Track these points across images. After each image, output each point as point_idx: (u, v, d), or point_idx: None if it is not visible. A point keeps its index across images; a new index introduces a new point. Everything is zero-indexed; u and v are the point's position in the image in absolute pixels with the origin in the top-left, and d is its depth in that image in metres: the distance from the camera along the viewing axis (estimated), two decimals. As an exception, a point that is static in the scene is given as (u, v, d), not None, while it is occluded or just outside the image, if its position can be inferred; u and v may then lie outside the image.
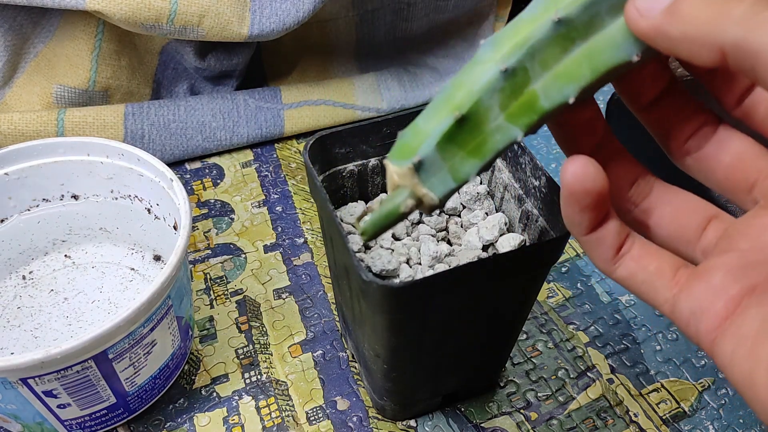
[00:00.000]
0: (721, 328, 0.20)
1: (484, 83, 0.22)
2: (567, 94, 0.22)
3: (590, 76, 0.21)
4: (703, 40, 0.18)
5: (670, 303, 0.22)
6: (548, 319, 0.43)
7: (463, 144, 0.23)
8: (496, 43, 0.22)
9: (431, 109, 0.23)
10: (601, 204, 0.22)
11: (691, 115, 0.23)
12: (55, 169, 0.41)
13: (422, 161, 0.22)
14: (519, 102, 0.22)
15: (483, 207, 0.36)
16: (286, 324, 0.43)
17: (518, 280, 0.31)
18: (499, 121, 0.22)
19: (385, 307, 0.28)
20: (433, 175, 0.23)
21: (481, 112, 0.22)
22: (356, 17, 0.59)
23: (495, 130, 0.22)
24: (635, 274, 0.23)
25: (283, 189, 0.52)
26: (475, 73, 0.22)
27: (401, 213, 0.23)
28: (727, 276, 0.20)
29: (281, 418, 0.38)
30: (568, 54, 0.21)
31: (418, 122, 0.23)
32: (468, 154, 0.23)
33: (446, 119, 0.22)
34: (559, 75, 0.22)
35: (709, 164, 0.23)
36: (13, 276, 0.44)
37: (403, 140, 0.23)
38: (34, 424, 0.34)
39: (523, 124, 0.22)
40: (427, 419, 0.38)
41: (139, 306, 0.31)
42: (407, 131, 0.23)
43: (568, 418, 0.39)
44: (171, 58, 0.56)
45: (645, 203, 0.24)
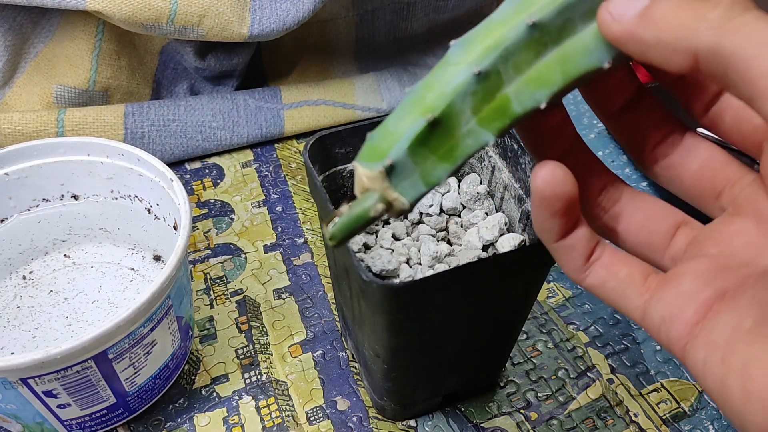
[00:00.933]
0: (692, 334, 0.20)
1: (456, 86, 0.21)
2: (539, 99, 0.21)
3: (562, 81, 0.21)
4: (676, 45, 0.18)
5: (640, 310, 0.22)
6: (548, 319, 0.43)
7: (434, 148, 0.22)
8: (467, 45, 0.22)
9: (401, 111, 0.22)
10: (571, 210, 0.22)
11: (658, 123, 0.23)
12: (55, 169, 0.41)
13: (394, 165, 0.22)
14: (491, 106, 0.22)
15: (483, 207, 0.36)
16: (286, 324, 0.43)
17: (518, 280, 0.31)
18: (471, 125, 0.22)
19: (385, 307, 0.28)
20: (405, 179, 0.22)
21: (454, 115, 0.22)
22: (356, 17, 0.59)
23: (466, 135, 0.22)
24: (606, 281, 0.22)
25: (283, 189, 0.52)
26: (447, 75, 0.22)
27: (370, 217, 0.22)
28: (697, 281, 0.20)
29: (281, 418, 0.38)
30: (540, 58, 0.21)
31: (388, 123, 0.22)
32: (439, 158, 0.22)
33: (418, 122, 0.21)
34: (531, 80, 0.21)
35: (676, 172, 0.23)
36: (13, 276, 0.44)
37: (373, 142, 0.22)
38: (34, 424, 0.34)
39: (495, 128, 0.22)
40: (427, 419, 0.38)
41: (139, 306, 0.31)
42: (376, 133, 0.22)
43: (568, 418, 0.39)
44: (171, 58, 0.56)
45: (614, 209, 0.24)
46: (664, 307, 0.21)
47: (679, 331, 0.20)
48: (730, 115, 0.22)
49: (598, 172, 0.24)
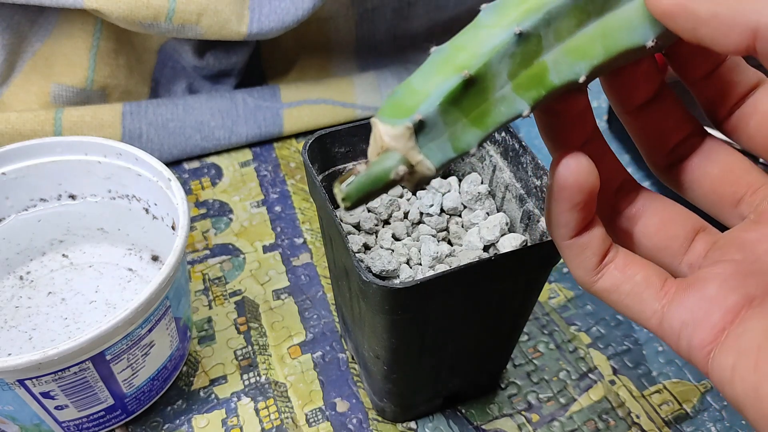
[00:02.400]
0: (717, 341, 0.19)
1: (496, 44, 0.20)
2: (578, 72, 0.20)
3: (603, 55, 0.20)
4: (734, 20, 0.17)
5: (658, 315, 0.21)
6: (550, 320, 0.43)
7: (466, 110, 0.20)
8: (501, 8, 0.20)
9: (428, 69, 0.20)
10: (589, 205, 0.21)
11: (678, 124, 0.22)
12: (53, 168, 0.41)
13: (423, 121, 0.20)
14: (528, 72, 0.20)
15: (484, 207, 0.36)
16: (285, 325, 0.43)
17: (519, 280, 0.31)
18: (506, 90, 0.20)
19: (385, 307, 0.28)
20: (432, 141, 0.20)
21: (490, 76, 0.20)
22: (356, 16, 0.58)
23: (500, 100, 0.20)
24: (620, 284, 0.21)
25: (282, 189, 0.52)
26: (481, 36, 0.20)
27: (390, 180, 0.20)
28: (723, 286, 0.20)
29: (280, 419, 0.38)
30: (582, 29, 0.20)
31: (413, 81, 0.20)
32: (471, 122, 0.20)
33: (453, 78, 0.20)
34: (571, 50, 0.20)
35: (695, 176, 0.22)
36: (11, 276, 0.43)
37: (396, 98, 0.20)
38: (31, 425, 0.34)
39: (530, 97, 0.20)
40: (427, 421, 0.38)
41: (137, 307, 0.31)
42: (400, 90, 0.20)
43: (570, 420, 0.38)
44: (169, 56, 0.55)
45: (630, 210, 0.23)
46: (685, 312, 0.20)
47: (704, 337, 0.19)
48: (756, 120, 0.21)
49: (615, 169, 0.23)
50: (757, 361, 0.18)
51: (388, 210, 0.35)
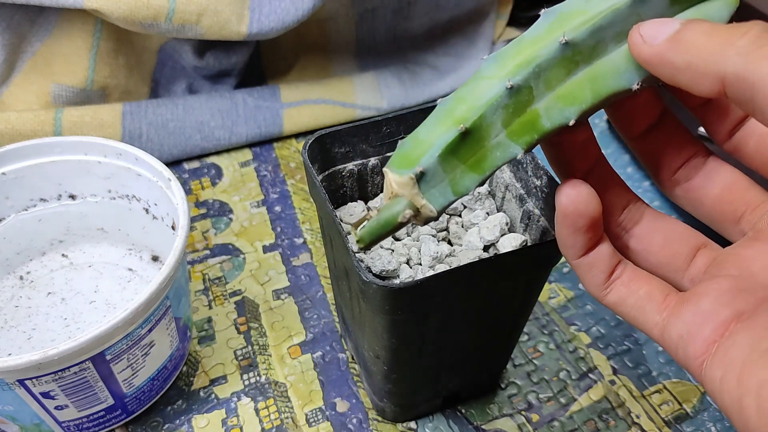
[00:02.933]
0: (709, 353, 0.20)
1: (489, 98, 0.22)
2: (568, 116, 0.22)
3: (591, 100, 0.22)
4: (705, 69, 0.18)
5: (659, 326, 0.22)
6: (550, 320, 0.43)
7: (464, 157, 0.23)
8: (499, 60, 0.22)
9: (432, 121, 0.23)
10: (594, 227, 0.23)
11: (681, 146, 0.24)
12: (53, 168, 0.41)
13: (424, 172, 0.22)
14: (521, 120, 0.22)
15: (484, 207, 0.36)
16: (285, 325, 0.43)
17: (519, 280, 0.31)
18: (501, 138, 0.23)
19: (385, 308, 0.28)
20: (433, 187, 0.23)
21: (485, 127, 0.22)
22: (356, 16, 0.58)
23: (495, 146, 0.23)
24: (625, 298, 0.23)
25: (282, 189, 0.52)
26: (479, 88, 0.22)
27: (398, 223, 0.23)
28: (716, 301, 0.21)
29: (280, 419, 0.38)
30: (571, 76, 0.22)
31: (419, 133, 0.23)
32: (468, 167, 0.23)
33: (450, 132, 0.22)
34: (561, 96, 0.22)
35: (697, 195, 0.24)
36: (11, 276, 0.43)
37: (404, 150, 0.23)
38: (31, 425, 0.34)
39: (523, 142, 0.22)
40: (427, 421, 0.38)
41: (137, 306, 0.31)
42: (407, 141, 0.23)
43: (570, 420, 0.38)
44: (169, 56, 0.55)
45: (635, 230, 0.25)
46: (682, 324, 0.21)
47: (697, 348, 0.20)
48: (754, 141, 0.22)
49: (620, 191, 0.25)
50: (741, 375, 0.18)
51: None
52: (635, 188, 0.51)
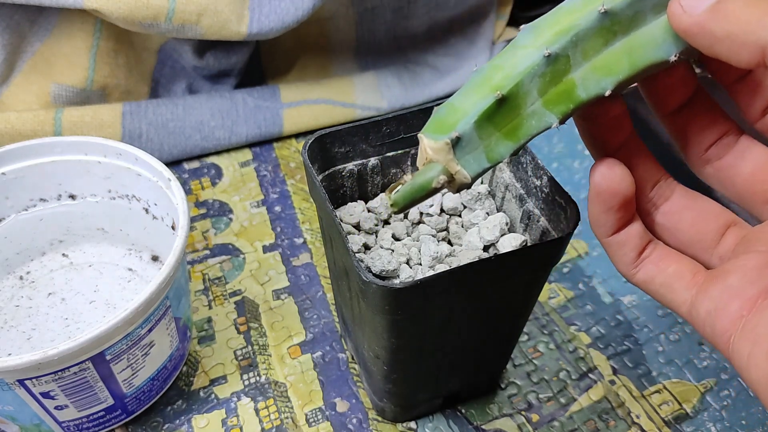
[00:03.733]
0: (736, 328, 0.20)
1: (527, 66, 0.22)
2: (604, 87, 0.22)
3: (628, 71, 0.22)
4: (745, 38, 0.18)
5: (688, 304, 0.22)
6: (550, 320, 0.43)
7: (499, 125, 0.23)
8: (537, 30, 0.22)
9: (468, 89, 0.23)
10: (626, 206, 0.23)
11: (713, 123, 0.24)
12: (53, 168, 0.41)
13: (460, 137, 0.23)
14: (557, 89, 0.22)
15: (484, 207, 0.36)
16: (285, 325, 0.43)
17: (519, 280, 0.31)
18: (536, 106, 0.23)
19: (385, 308, 0.28)
20: (468, 153, 0.23)
21: (521, 95, 0.22)
22: (356, 15, 0.58)
23: (531, 115, 0.23)
24: (654, 276, 0.23)
25: (282, 189, 0.52)
26: (516, 57, 0.22)
27: (433, 188, 0.23)
28: (744, 278, 0.21)
29: (280, 419, 0.38)
30: (608, 47, 0.22)
31: (454, 101, 0.23)
32: (503, 135, 0.23)
33: (487, 98, 0.22)
34: (598, 67, 0.22)
35: (728, 173, 0.24)
36: (11, 277, 0.43)
37: (439, 116, 0.23)
38: (31, 425, 0.34)
39: (559, 111, 0.22)
40: (427, 421, 0.38)
41: (137, 306, 0.31)
42: (443, 108, 0.23)
43: (570, 420, 0.38)
44: (169, 56, 0.55)
45: (665, 206, 0.25)
46: (710, 301, 0.21)
47: (724, 324, 0.21)
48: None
49: (651, 168, 0.25)
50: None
51: (388, 210, 0.35)
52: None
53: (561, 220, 0.31)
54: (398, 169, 0.37)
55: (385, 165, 0.36)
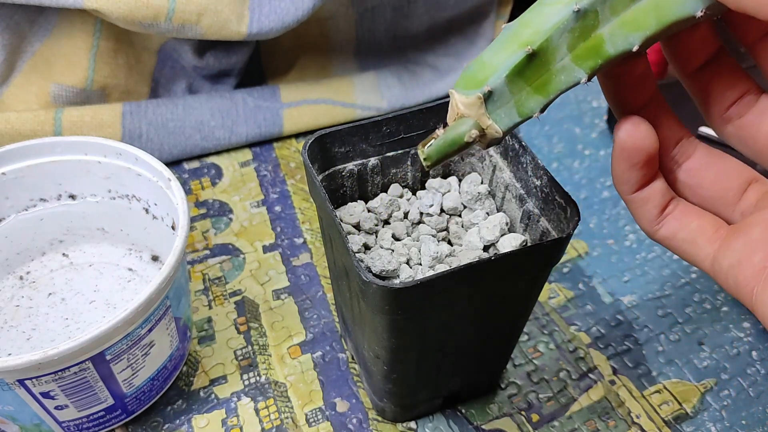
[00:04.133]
0: (759, 280, 0.21)
1: (556, 21, 0.22)
2: (632, 42, 0.22)
3: (655, 26, 0.22)
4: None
5: (710, 258, 0.23)
6: (550, 320, 0.43)
7: (530, 80, 0.23)
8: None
9: (497, 45, 0.24)
10: (650, 163, 0.24)
11: (735, 83, 0.24)
12: (53, 168, 0.41)
13: (492, 92, 0.23)
14: (586, 44, 0.23)
15: (484, 207, 0.36)
16: (285, 325, 0.43)
17: (519, 280, 0.31)
18: (565, 62, 0.23)
19: (385, 307, 0.28)
20: (500, 108, 0.24)
21: (551, 50, 0.23)
22: (356, 15, 0.58)
23: (560, 70, 0.23)
24: (677, 232, 0.24)
25: (282, 189, 0.52)
26: (545, 13, 0.23)
27: (465, 142, 0.24)
28: (767, 230, 0.22)
29: (280, 419, 0.38)
30: (636, 3, 0.22)
31: (484, 57, 0.24)
32: (534, 90, 0.23)
33: (518, 53, 0.23)
34: (625, 22, 0.22)
35: (750, 132, 0.24)
36: (11, 277, 0.43)
37: (469, 71, 0.24)
38: (31, 425, 0.34)
39: (587, 66, 0.23)
40: (427, 421, 0.38)
41: (137, 306, 0.31)
42: (473, 65, 0.24)
43: (570, 420, 0.38)
44: (169, 56, 0.55)
45: (688, 164, 0.25)
46: (732, 254, 0.22)
47: (747, 276, 0.21)
48: None
49: (674, 126, 0.25)
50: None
51: (388, 210, 0.35)
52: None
53: (561, 220, 0.31)
54: (398, 168, 0.37)
55: (385, 165, 0.36)
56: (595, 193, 0.51)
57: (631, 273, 0.46)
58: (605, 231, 0.48)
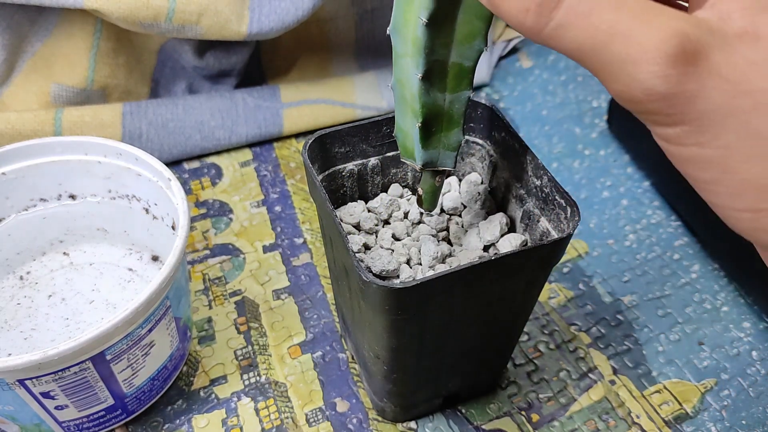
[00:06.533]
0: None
1: (417, 89, 0.26)
2: (480, 46, 0.25)
3: (483, 24, 0.25)
4: None
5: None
6: (550, 320, 0.43)
7: (439, 128, 0.28)
8: (399, 34, 0.25)
9: (398, 109, 0.28)
10: None
11: None
12: (53, 168, 0.41)
13: (424, 163, 0.29)
14: (451, 76, 0.26)
15: (484, 207, 0.36)
16: (285, 325, 0.43)
17: (519, 280, 0.31)
18: (450, 98, 0.27)
19: (385, 308, 0.28)
20: (437, 158, 0.29)
21: (433, 105, 0.27)
22: (356, 16, 0.58)
23: (451, 104, 0.27)
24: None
25: (282, 189, 0.52)
26: (405, 71, 0.26)
27: (437, 187, 0.31)
28: None
29: (280, 419, 0.38)
30: (455, 25, 0.25)
31: (398, 121, 0.29)
32: (447, 130, 0.28)
33: (415, 127, 0.27)
34: (462, 40, 0.25)
35: None
36: (11, 277, 0.43)
37: (400, 141, 0.30)
38: (31, 425, 0.34)
39: (465, 85, 0.27)
40: (427, 421, 0.38)
41: (137, 306, 0.31)
42: (397, 132, 0.29)
43: (570, 420, 0.38)
44: (169, 56, 0.55)
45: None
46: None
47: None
48: None
49: None
50: None
51: (388, 210, 0.35)
52: (635, 188, 0.51)
53: (561, 220, 0.31)
54: (398, 168, 0.37)
55: (385, 165, 0.36)
56: (595, 193, 0.51)
57: (631, 273, 0.46)
58: (605, 231, 0.48)
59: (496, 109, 0.34)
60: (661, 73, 0.18)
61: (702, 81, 0.18)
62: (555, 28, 0.19)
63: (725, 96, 0.18)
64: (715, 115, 0.18)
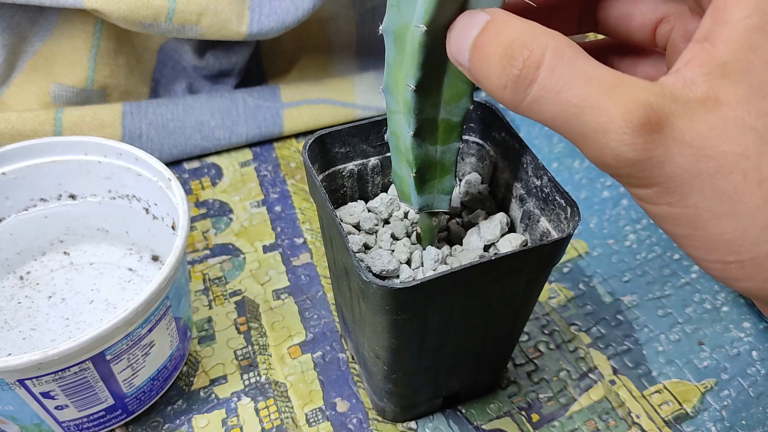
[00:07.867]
0: None
1: (410, 144, 0.28)
2: (466, 105, 0.27)
3: (468, 86, 0.26)
4: None
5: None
6: (550, 320, 0.43)
7: (433, 176, 0.30)
8: (390, 94, 0.27)
9: (394, 158, 0.30)
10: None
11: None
12: (53, 168, 0.41)
13: (421, 207, 0.31)
14: (441, 131, 0.28)
15: (484, 207, 0.36)
16: (285, 325, 0.43)
17: (520, 280, 0.31)
18: (441, 149, 0.29)
19: (386, 307, 0.28)
20: (433, 202, 0.31)
21: (425, 156, 0.29)
22: (356, 16, 0.58)
23: (443, 154, 0.29)
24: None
25: (282, 189, 0.52)
26: (398, 126, 0.28)
27: (435, 228, 0.33)
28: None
29: (280, 419, 0.38)
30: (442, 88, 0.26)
31: (395, 167, 0.31)
32: (440, 177, 0.30)
33: (410, 176, 0.29)
34: (449, 100, 0.27)
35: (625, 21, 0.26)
36: (11, 276, 0.43)
37: (397, 185, 0.32)
38: (31, 425, 0.34)
39: (454, 137, 0.29)
40: (427, 421, 0.38)
41: (137, 306, 0.31)
42: (394, 177, 0.31)
43: (570, 420, 0.38)
44: (169, 56, 0.55)
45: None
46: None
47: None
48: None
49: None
50: None
51: (388, 210, 0.35)
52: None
53: (561, 220, 0.31)
54: (398, 169, 0.36)
55: (385, 165, 0.36)
56: (595, 193, 0.51)
57: (631, 273, 0.46)
58: (605, 231, 0.48)
59: (496, 109, 0.34)
60: (628, 141, 0.19)
61: (667, 147, 0.19)
62: (531, 102, 0.21)
63: (690, 160, 0.19)
64: (681, 178, 0.19)
